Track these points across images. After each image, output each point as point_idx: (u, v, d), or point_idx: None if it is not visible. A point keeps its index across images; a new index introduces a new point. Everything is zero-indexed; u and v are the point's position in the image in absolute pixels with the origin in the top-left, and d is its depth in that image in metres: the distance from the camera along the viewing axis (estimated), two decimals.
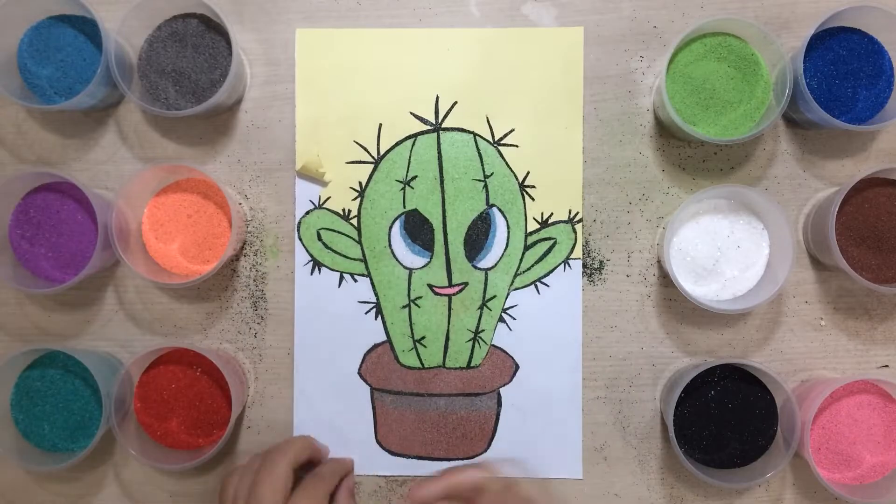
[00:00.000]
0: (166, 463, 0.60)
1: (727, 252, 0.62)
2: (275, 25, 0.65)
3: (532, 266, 0.65)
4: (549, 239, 0.65)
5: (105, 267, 0.65)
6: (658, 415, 0.65)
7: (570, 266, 0.65)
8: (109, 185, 0.66)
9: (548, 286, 0.65)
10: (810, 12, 0.64)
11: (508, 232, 0.65)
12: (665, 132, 0.65)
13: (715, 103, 0.62)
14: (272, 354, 0.65)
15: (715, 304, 0.60)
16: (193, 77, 0.62)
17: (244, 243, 0.65)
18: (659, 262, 0.65)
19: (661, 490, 0.64)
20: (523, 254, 0.65)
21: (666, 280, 0.65)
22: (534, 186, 0.64)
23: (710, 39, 0.62)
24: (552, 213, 0.65)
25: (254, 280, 0.65)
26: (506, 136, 0.65)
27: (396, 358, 0.65)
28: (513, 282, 0.65)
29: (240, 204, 0.65)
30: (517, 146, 0.65)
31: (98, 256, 0.60)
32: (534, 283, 0.65)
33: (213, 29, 0.63)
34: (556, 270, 0.65)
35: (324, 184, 0.65)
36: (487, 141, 0.65)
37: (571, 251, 0.65)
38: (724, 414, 0.61)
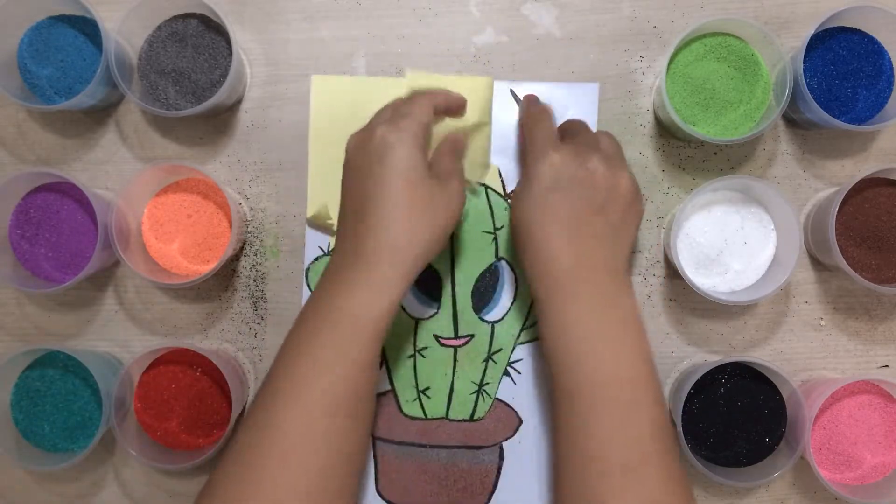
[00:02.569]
0: (166, 463, 0.60)
1: (733, 245, 0.62)
2: (275, 25, 0.65)
3: None
4: None
5: (105, 267, 0.65)
6: None
7: None
8: (109, 185, 0.66)
9: None
10: (810, 12, 0.64)
11: (516, 286, 0.64)
12: (665, 132, 0.65)
13: (715, 103, 0.62)
14: (272, 354, 0.64)
15: (717, 295, 0.60)
16: (193, 77, 0.62)
17: (244, 243, 0.65)
18: (659, 261, 0.65)
19: None
20: (530, 308, 0.64)
21: (666, 280, 0.65)
22: None
23: (710, 39, 0.62)
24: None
25: (254, 280, 0.65)
26: None
27: (400, 408, 0.64)
28: (519, 335, 0.64)
29: (240, 204, 0.65)
30: None
31: (98, 256, 0.60)
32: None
33: (213, 29, 0.63)
34: None
35: (332, 233, 0.64)
36: (498, 194, 0.64)
37: None
38: (732, 412, 0.61)
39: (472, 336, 0.65)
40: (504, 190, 0.64)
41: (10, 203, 0.63)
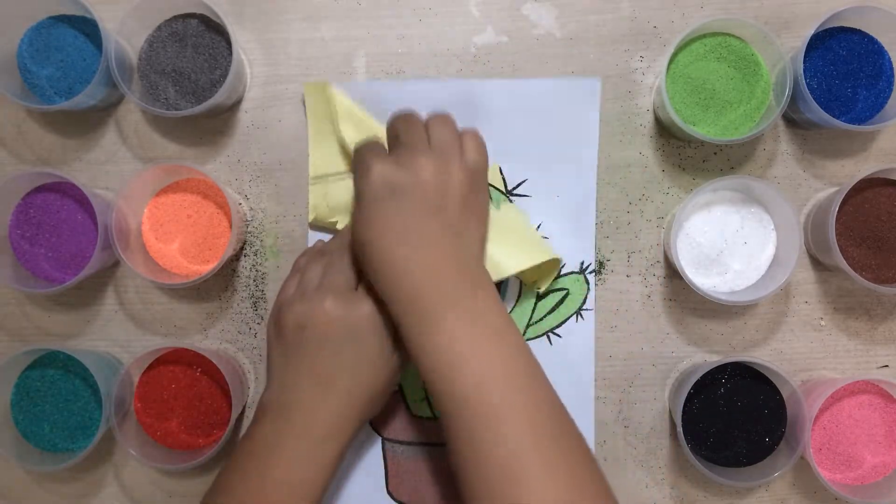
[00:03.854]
0: (166, 463, 0.60)
1: (733, 245, 0.62)
2: (275, 25, 0.65)
3: (544, 317, 0.64)
4: (562, 290, 0.64)
5: (105, 267, 0.65)
6: (661, 414, 0.65)
7: (582, 317, 0.64)
8: (109, 185, 0.66)
9: (560, 337, 0.64)
10: (810, 12, 0.64)
11: (520, 284, 0.64)
12: (665, 132, 0.65)
13: (715, 103, 0.62)
14: None
15: (717, 295, 0.60)
16: (193, 77, 0.62)
17: (244, 243, 0.65)
18: (659, 261, 0.65)
19: (663, 489, 0.64)
20: (535, 304, 0.64)
21: (666, 280, 0.65)
22: (546, 237, 0.64)
23: (710, 39, 0.62)
24: (564, 264, 0.64)
25: (254, 280, 0.65)
26: (518, 186, 0.64)
27: (408, 408, 0.64)
28: (525, 332, 0.64)
29: (240, 204, 0.65)
30: (530, 196, 0.64)
31: (98, 256, 0.60)
32: (546, 333, 0.64)
33: (213, 29, 0.63)
34: (568, 321, 0.64)
35: (336, 231, 0.64)
36: (500, 191, 0.64)
37: (584, 302, 0.64)
38: (732, 412, 0.61)
39: None
40: (505, 188, 0.64)
41: (10, 203, 0.63)
